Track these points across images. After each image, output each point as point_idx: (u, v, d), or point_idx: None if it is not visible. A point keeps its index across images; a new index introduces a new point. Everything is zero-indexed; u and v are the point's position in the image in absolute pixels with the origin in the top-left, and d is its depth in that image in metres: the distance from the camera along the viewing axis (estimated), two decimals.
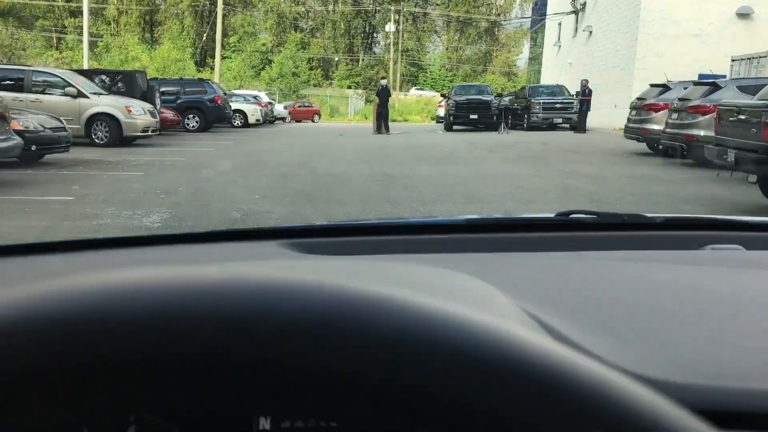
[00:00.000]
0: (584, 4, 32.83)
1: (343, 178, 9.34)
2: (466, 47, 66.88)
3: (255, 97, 30.18)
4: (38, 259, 1.06)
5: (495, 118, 24.18)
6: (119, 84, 16.81)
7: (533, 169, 10.51)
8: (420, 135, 22.45)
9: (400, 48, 55.78)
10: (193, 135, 19.97)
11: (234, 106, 24.89)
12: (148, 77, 18.99)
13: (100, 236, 2.22)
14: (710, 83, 12.06)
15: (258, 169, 10.41)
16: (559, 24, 37.49)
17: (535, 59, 47.46)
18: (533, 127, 24.02)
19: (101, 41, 48.05)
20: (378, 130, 22.20)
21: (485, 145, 16.11)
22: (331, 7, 65.66)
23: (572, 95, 24.88)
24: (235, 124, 25.46)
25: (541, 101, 24.46)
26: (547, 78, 38.81)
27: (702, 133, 10.77)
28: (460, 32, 66.74)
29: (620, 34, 27.12)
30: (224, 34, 43.11)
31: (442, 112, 31.66)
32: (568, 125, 23.91)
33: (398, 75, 54.47)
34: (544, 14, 41.68)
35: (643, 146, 14.31)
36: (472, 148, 15.37)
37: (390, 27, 53.79)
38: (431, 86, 59.79)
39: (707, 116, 10.87)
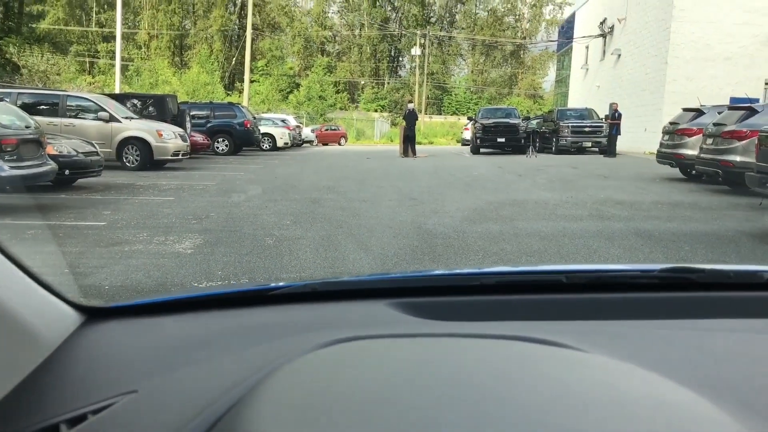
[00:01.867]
0: (612, 27, 32.68)
1: (372, 203, 9.28)
2: (492, 70, 66.97)
3: (283, 120, 30.46)
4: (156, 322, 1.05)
5: (522, 141, 24.06)
6: (150, 108, 17.04)
7: (565, 195, 10.35)
8: (446, 158, 22.38)
9: (425, 71, 56.00)
10: (223, 158, 20.16)
11: (263, 129, 25.14)
12: (178, 101, 19.24)
13: (196, 291, 2.18)
14: (746, 107, 11.83)
15: (287, 194, 10.41)
16: (587, 47, 37.33)
17: (562, 82, 47.25)
18: (562, 151, 23.85)
19: (132, 65, 49.04)
20: (405, 153, 22.19)
21: (514, 170, 15.97)
22: (357, 32, 66.37)
23: (601, 119, 24.65)
24: (264, 147, 25.70)
25: (570, 124, 24.27)
26: (575, 101, 38.59)
27: (738, 158, 10.56)
28: (485, 55, 66.91)
29: (650, 57, 26.89)
30: (252, 58, 43.64)
31: (468, 134, 31.62)
32: (597, 149, 23.69)
33: (423, 98, 54.62)
34: (571, 37, 41.50)
35: (675, 171, 14.09)
36: (501, 173, 15.24)
37: (416, 51, 54.18)
38: (456, 109, 59.90)
39: (744, 142, 10.65)
